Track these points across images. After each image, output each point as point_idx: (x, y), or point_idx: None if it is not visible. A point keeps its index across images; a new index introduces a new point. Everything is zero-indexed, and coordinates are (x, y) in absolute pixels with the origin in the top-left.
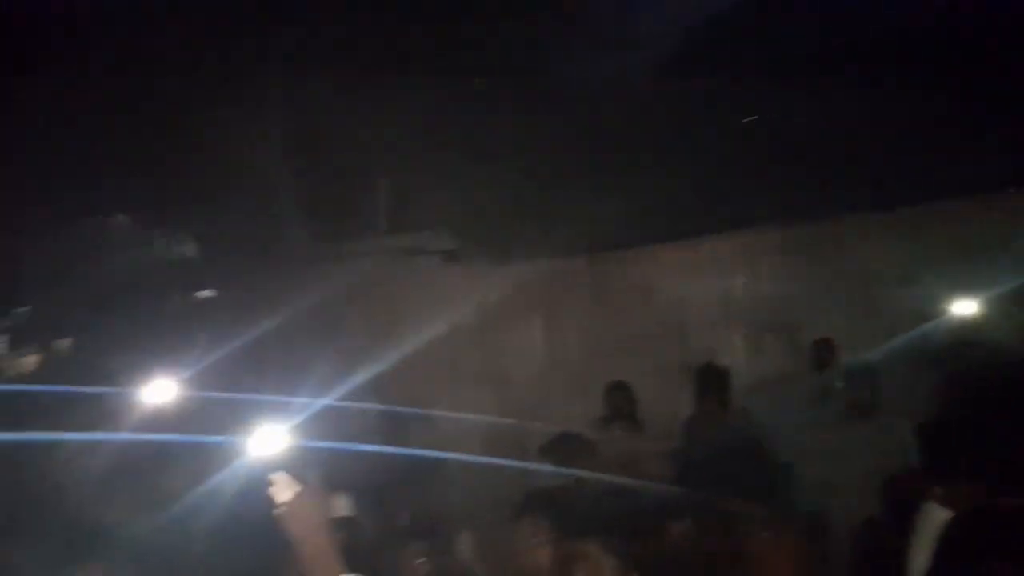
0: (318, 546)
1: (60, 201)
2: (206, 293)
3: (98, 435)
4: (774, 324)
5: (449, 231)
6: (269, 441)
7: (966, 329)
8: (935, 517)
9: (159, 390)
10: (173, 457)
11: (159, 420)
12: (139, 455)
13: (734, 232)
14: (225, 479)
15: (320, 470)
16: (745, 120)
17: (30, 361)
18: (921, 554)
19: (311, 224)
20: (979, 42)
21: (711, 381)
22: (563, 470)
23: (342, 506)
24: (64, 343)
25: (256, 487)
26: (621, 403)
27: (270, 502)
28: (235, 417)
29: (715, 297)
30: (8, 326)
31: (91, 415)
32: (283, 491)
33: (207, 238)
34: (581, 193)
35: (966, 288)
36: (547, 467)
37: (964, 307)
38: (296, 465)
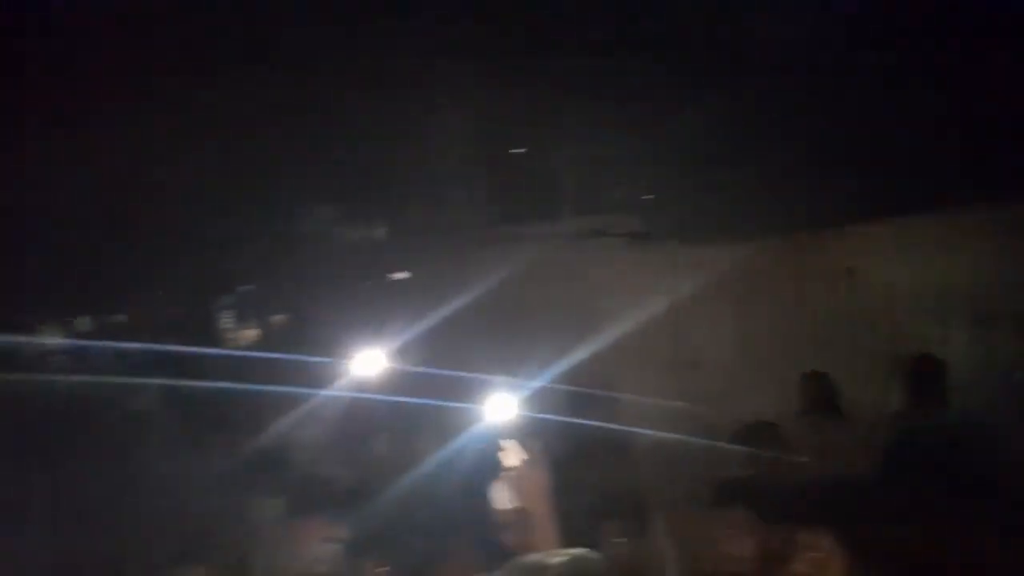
0: (538, 514)
1: (276, 192)
2: (400, 275)
3: (318, 398)
4: (993, 312)
5: (636, 213)
6: (500, 410)
7: None
8: None
9: (368, 361)
10: (385, 423)
11: (370, 388)
12: (354, 420)
13: (946, 211)
14: (457, 444)
15: (541, 442)
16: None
17: (252, 333)
18: None
19: (495, 207)
20: None
21: (925, 374)
22: (757, 459)
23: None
24: (279, 317)
25: (486, 453)
26: (819, 393)
27: (498, 467)
28: (436, 391)
29: (926, 282)
30: (234, 302)
31: (307, 382)
32: (511, 458)
33: (399, 223)
34: (775, 171)
35: None
36: (740, 455)
37: None
38: (522, 435)
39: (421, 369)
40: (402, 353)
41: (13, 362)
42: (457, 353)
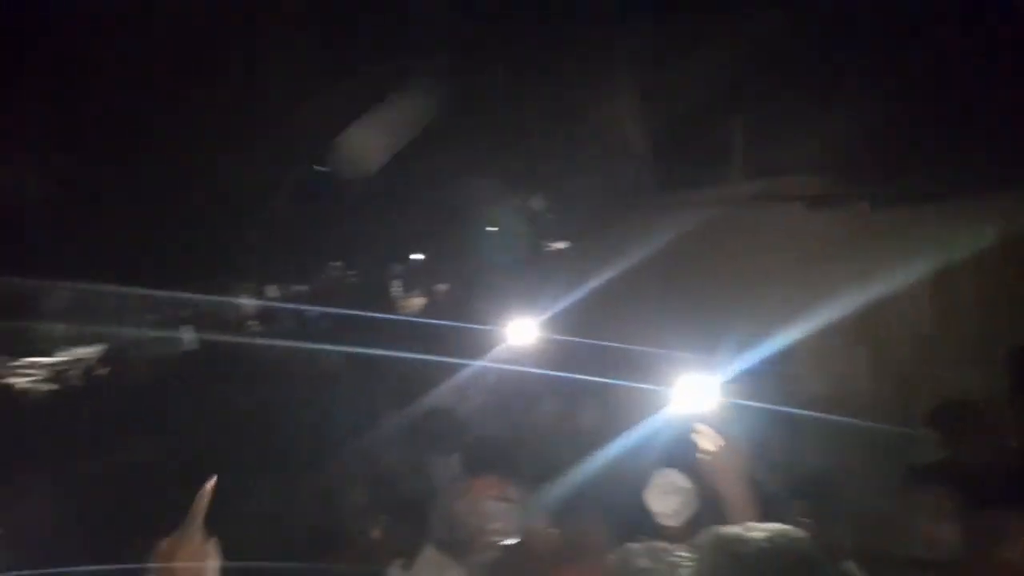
0: (735, 497)
1: (444, 164)
2: (561, 244)
3: (489, 364)
4: None
5: (814, 175)
6: (697, 393)
7: None
8: None
9: (522, 330)
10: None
11: (537, 358)
12: (512, 385)
13: None
14: (649, 424)
15: (740, 426)
16: None
17: (419, 301)
18: None
19: (664, 171)
20: None
21: None
22: (960, 440)
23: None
24: (444, 286)
25: (680, 435)
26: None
27: (694, 449)
28: (596, 362)
29: None
30: (402, 271)
31: (475, 349)
32: (707, 441)
33: (561, 192)
34: (974, 130)
35: None
36: (942, 436)
37: None
38: (719, 419)
39: (591, 341)
40: (574, 324)
41: (219, 325)
42: (637, 327)
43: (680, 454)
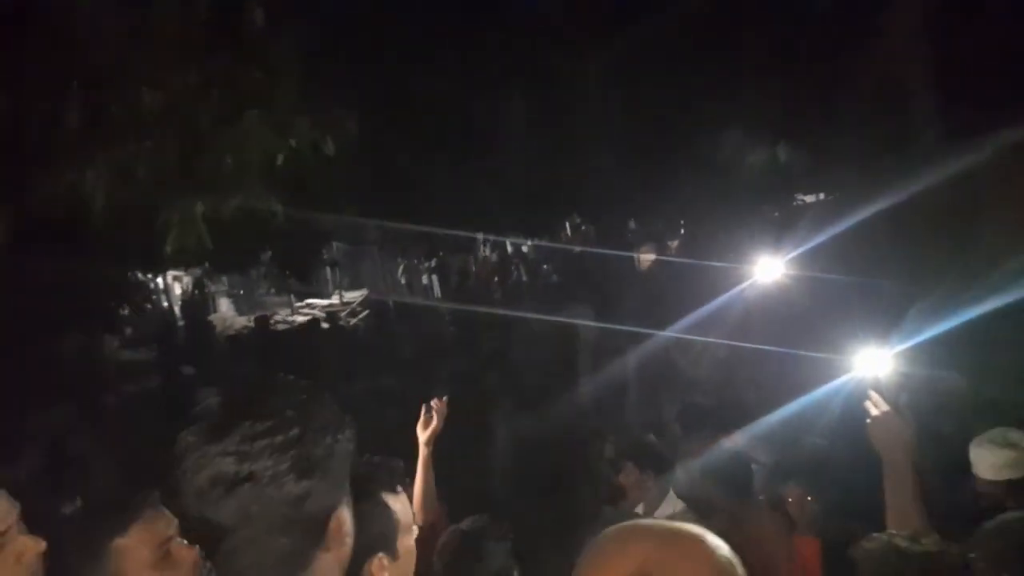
0: (898, 465)
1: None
2: (810, 197)
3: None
4: None
5: None
6: (873, 361)
7: None
8: None
9: (770, 267)
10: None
11: (771, 299)
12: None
13: None
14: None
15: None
16: None
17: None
18: None
19: (946, 119)
20: None
21: None
22: None
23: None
24: (686, 238)
25: (853, 400)
26: None
27: (863, 415)
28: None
29: None
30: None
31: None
32: (875, 408)
33: (820, 144)
34: None
35: None
36: None
37: None
38: (891, 387)
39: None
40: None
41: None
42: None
43: (851, 419)
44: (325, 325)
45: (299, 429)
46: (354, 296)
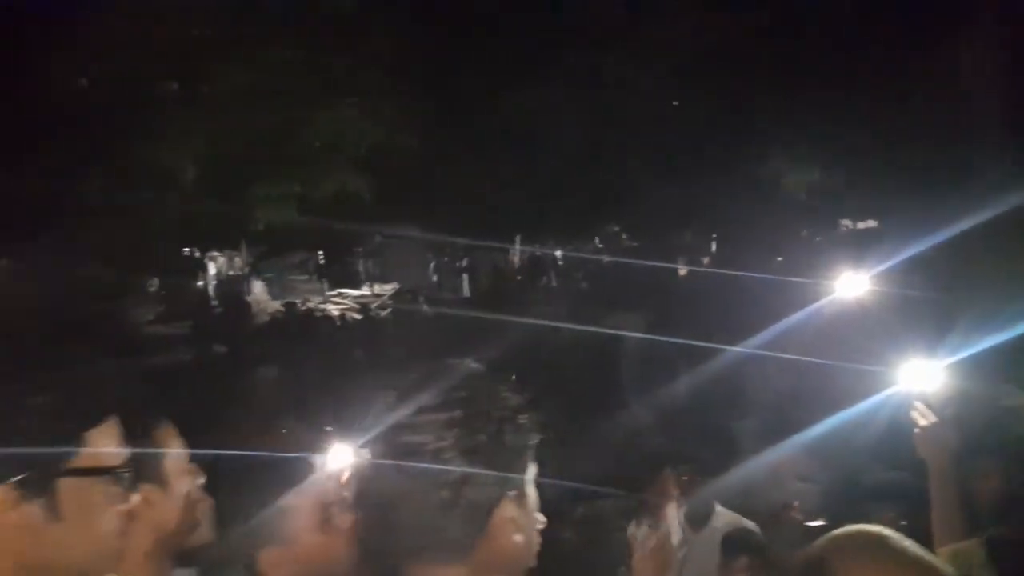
0: (944, 474)
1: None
2: (866, 223)
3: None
4: None
5: None
6: (921, 374)
7: None
8: None
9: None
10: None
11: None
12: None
13: None
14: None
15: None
16: None
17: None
18: None
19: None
20: None
21: None
22: None
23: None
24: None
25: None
26: None
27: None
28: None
29: None
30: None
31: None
32: (922, 419)
33: (872, 167)
34: None
35: None
36: None
37: None
38: (937, 399)
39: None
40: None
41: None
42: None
43: (898, 429)
44: (357, 316)
45: (462, 411)
46: (385, 289)
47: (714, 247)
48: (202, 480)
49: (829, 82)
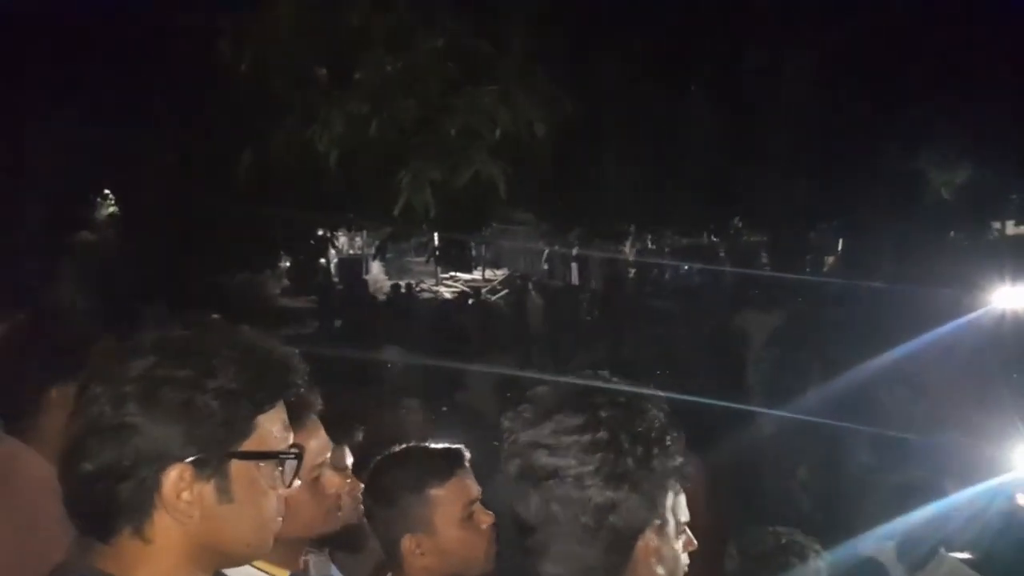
0: None
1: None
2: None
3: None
4: None
5: None
6: None
7: None
8: None
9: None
10: None
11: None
12: None
13: None
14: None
15: None
16: None
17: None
18: None
19: None
20: None
21: None
22: None
23: None
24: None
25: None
26: None
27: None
28: None
29: None
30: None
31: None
32: None
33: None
34: None
35: None
36: None
37: None
38: None
39: None
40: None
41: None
42: None
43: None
44: (469, 300)
45: (609, 433)
46: (496, 274)
47: (840, 246)
48: (350, 462)
49: (981, 73)
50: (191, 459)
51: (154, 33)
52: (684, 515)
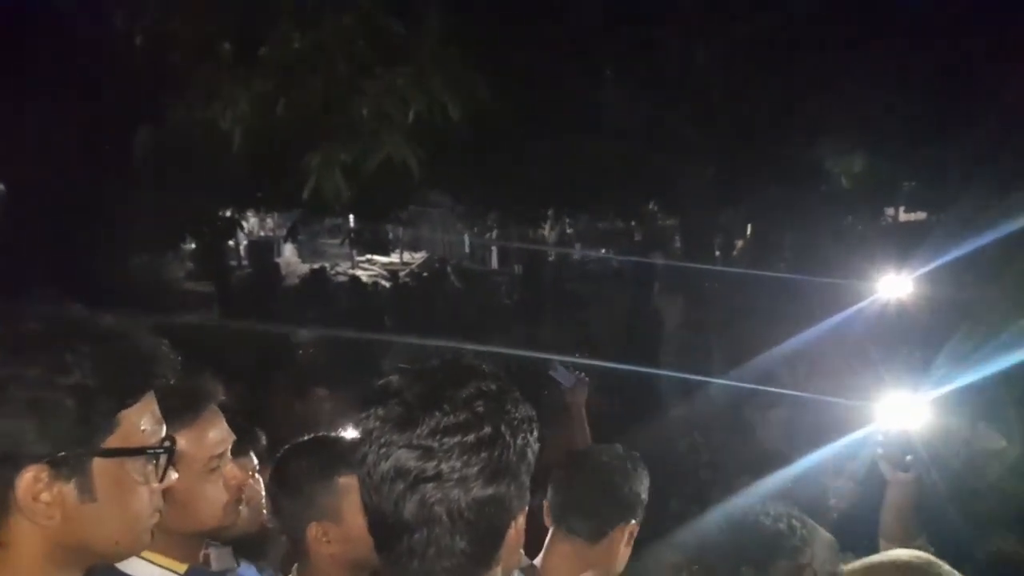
0: (890, 523)
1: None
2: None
3: None
4: None
5: None
6: (902, 409)
7: None
8: None
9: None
10: None
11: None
12: None
13: None
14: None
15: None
16: None
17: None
18: None
19: None
20: None
21: None
22: None
23: None
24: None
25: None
26: None
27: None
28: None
29: None
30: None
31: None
32: (886, 467)
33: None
34: None
35: None
36: None
37: None
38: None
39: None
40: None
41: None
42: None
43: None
44: (386, 283)
45: (491, 428)
46: (415, 257)
47: (749, 230)
48: (254, 464)
49: (876, 67)
50: (47, 459)
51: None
52: None
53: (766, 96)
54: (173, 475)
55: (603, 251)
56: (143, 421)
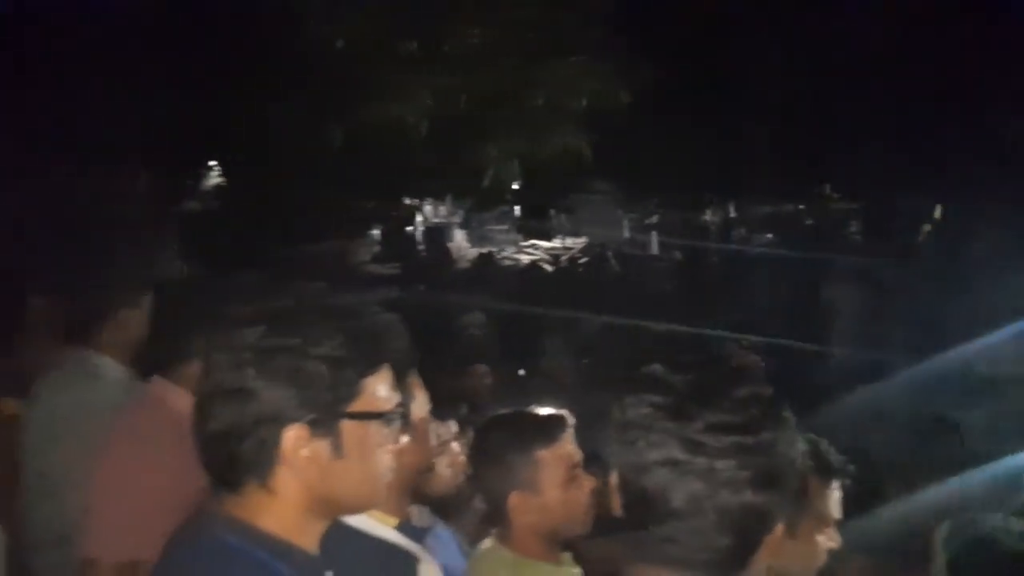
0: None
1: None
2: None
3: None
4: None
5: None
6: None
7: None
8: None
9: None
10: None
11: None
12: None
13: None
14: None
15: None
16: None
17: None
18: None
19: None
20: None
21: None
22: None
23: None
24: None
25: None
26: None
27: None
28: None
29: None
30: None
31: None
32: None
33: None
34: None
35: None
36: None
37: None
38: None
39: None
40: None
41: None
42: None
43: None
44: (548, 267)
45: (772, 435)
46: (576, 242)
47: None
48: (453, 430)
49: None
50: (306, 420)
51: (250, 16)
52: None
53: (946, 65)
54: (405, 438)
55: (768, 236)
56: (381, 388)
